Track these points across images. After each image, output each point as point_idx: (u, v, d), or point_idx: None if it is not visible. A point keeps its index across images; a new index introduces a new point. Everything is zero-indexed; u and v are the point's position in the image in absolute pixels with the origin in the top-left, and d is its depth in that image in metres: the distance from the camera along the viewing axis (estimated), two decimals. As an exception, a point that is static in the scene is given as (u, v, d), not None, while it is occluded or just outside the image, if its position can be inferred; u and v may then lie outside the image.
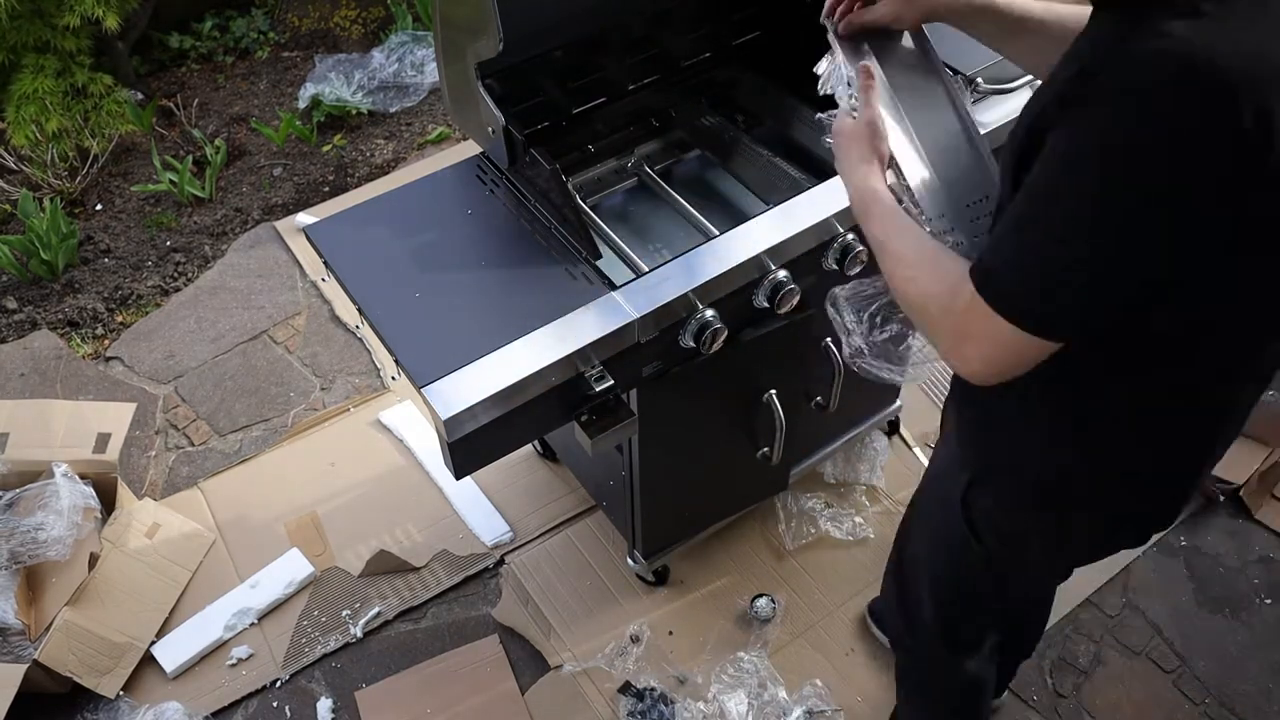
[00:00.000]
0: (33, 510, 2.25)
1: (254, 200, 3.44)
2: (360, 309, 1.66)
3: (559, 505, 2.53)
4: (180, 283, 3.19)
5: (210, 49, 4.03)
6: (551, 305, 1.60)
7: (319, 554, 2.45)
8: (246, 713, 2.22)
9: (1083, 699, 2.18)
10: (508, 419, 1.56)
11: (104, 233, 3.35)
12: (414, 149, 3.61)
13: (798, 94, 2.03)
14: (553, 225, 1.73)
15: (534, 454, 2.61)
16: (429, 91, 3.80)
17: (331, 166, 3.55)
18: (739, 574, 2.38)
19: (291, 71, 3.97)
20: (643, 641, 2.26)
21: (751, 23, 2.11)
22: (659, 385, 1.74)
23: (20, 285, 3.18)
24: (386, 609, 2.35)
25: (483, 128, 1.75)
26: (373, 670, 2.27)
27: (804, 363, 1.98)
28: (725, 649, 2.25)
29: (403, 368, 1.56)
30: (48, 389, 2.85)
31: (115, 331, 3.04)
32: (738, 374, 1.90)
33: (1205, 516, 2.46)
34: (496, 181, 1.83)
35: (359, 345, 2.93)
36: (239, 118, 3.77)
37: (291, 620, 2.34)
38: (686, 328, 1.67)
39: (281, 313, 3.04)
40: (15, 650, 2.17)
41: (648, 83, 2.03)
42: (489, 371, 1.52)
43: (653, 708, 2.15)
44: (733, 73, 2.08)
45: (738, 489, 2.28)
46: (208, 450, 2.71)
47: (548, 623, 2.31)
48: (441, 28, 1.70)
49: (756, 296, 1.74)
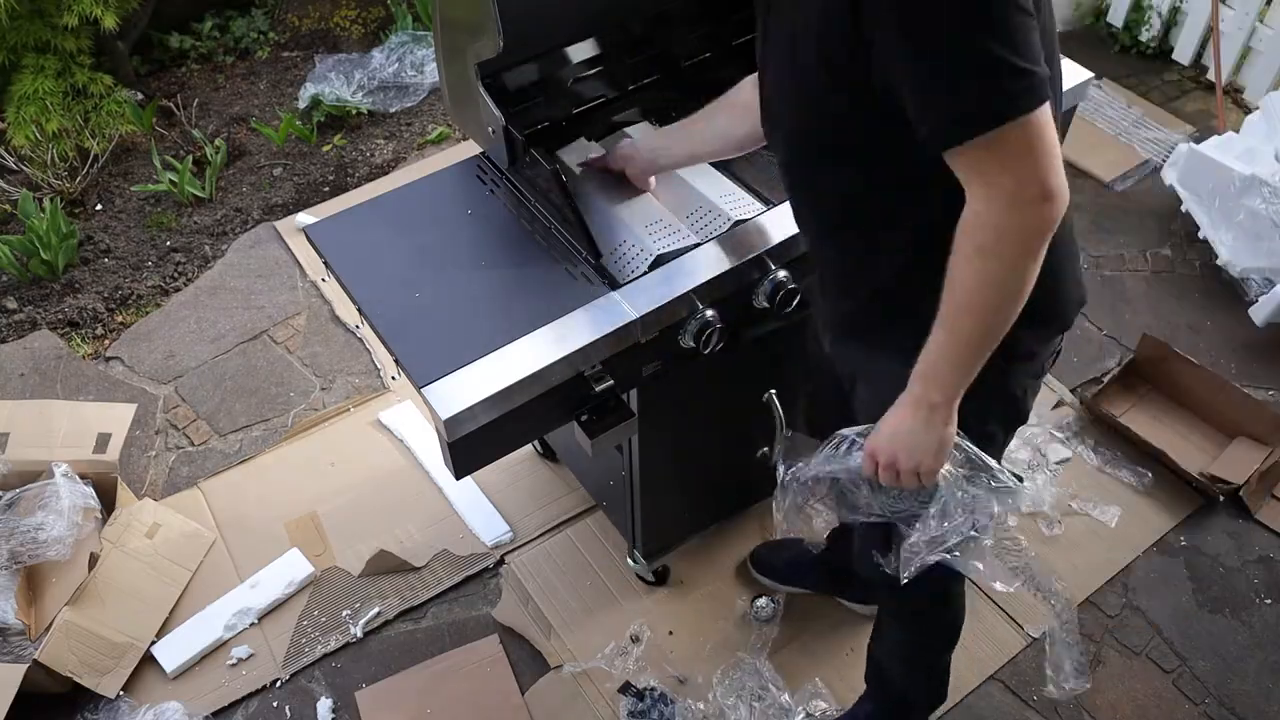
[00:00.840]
0: (33, 510, 2.25)
1: (254, 200, 3.44)
2: (360, 309, 1.66)
3: (559, 505, 2.53)
4: (180, 283, 3.19)
5: (210, 49, 4.03)
6: (552, 305, 1.61)
7: (319, 554, 2.45)
8: (246, 713, 2.22)
9: (1082, 699, 2.18)
10: (508, 419, 1.56)
11: (104, 233, 3.35)
12: (414, 149, 3.61)
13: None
14: (553, 225, 1.73)
15: (534, 454, 2.61)
16: (429, 91, 3.80)
17: (331, 166, 3.55)
18: (739, 574, 2.38)
19: (291, 71, 3.97)
20: (643, 641, 2.26)
21: (751, 23, 2.10)
22: (659, 385, 1.74)
23: (20, 285, 3.18)
24: (386, 609, 2.35)
25: (483, 128, 1.75)
26: (373, 670, 2.27)
27: (804, 362, 1.98)
28: (725, 649, 2.25)
29: (403, 368, 1.56)
30: (48, 389, 2.85)
31: (115, 331, 3.04)
32: (738, 374, 1.90)
33: (1205, 516, 2.46)
34: (497, 181, 1.83)
35: (359, 345, 2.93)
36: (239, 118, 3.77)
37: (291, 620, 2.34)
38: (687, 328, 1.67)
39: (281, 313, 3.04)
40: (15, 650, 2.17)
41: (648, 83, 2.03)
42: (489, 371, 1.52)
43: (653, 707, 2.15)
44: (733, 73, 2.08)
45: (737, 489, 2.29)
46: (208, 450, 2.71)
47: (548, 623, 2.31)
48: (441, 28, 1.70)
49: (757, 296, 1.74)
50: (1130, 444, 2.59)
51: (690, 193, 1.81)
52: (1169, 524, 2.44)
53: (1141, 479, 2.52)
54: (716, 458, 2.11)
